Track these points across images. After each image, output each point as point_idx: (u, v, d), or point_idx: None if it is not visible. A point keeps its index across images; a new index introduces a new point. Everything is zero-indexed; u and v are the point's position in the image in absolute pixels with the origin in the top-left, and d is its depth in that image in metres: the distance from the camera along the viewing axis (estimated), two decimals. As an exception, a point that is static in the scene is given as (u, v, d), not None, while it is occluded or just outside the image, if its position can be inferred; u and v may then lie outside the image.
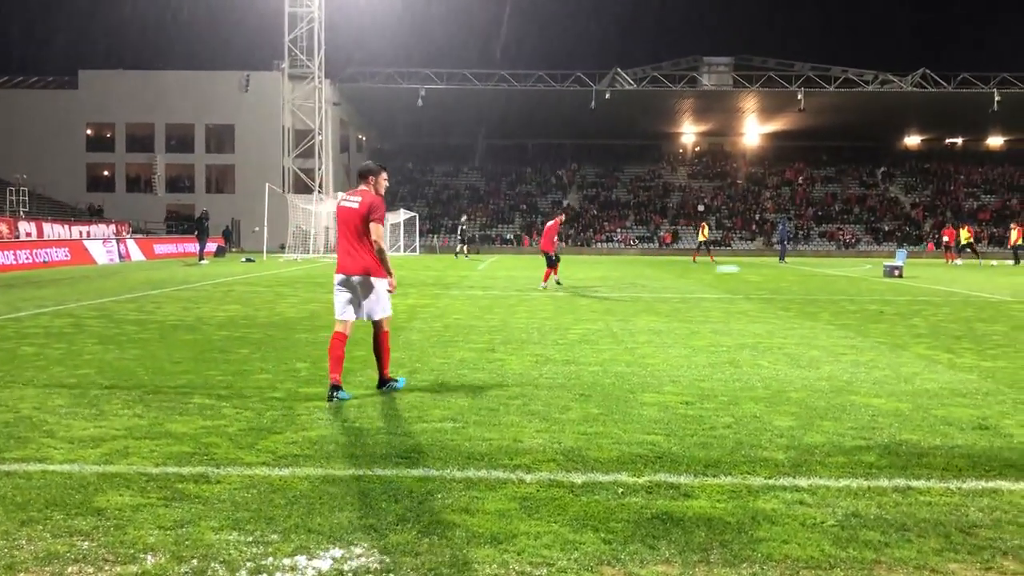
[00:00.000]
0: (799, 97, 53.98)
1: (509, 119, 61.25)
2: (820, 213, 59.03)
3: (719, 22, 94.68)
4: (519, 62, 67.41)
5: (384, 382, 6.75)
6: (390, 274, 6.50)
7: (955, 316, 13.10)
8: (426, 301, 14.56)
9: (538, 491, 4.28)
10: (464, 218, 46.16)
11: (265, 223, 38.10)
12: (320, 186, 45.67)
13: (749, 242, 55.88)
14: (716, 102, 59.38)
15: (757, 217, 58.58)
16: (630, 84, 55.27)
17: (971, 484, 4.43)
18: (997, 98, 52.12)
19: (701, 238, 38.77)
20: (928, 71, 53.25)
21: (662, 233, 56.65)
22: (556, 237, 18.56)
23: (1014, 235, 37.60)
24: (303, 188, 47.33)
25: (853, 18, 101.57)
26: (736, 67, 58.48)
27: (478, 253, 44.55)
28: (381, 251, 6.37)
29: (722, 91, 57.89)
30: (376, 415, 5.94)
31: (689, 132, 69.06)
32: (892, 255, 31.80)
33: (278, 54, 50.23)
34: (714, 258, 36.24)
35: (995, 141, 68.17)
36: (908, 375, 7.65)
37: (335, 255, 6.84)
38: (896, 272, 23.99)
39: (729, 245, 54.42)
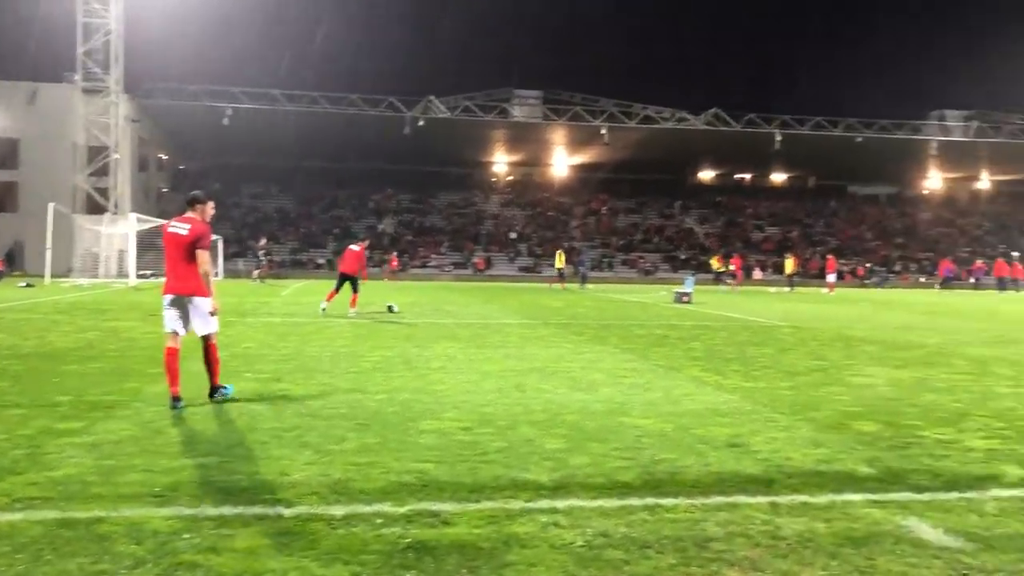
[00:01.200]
0: (603, 132, 56.52)
1: (323, 142, 60.23)
2: (623, 242, 61.81)
3: (530, 57, 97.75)
4: (335, 85, 66.71)
5: (215, 390, 7.42)
6: (212, 296, 7.29)
7: (731, 340, 14.03)
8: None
9: (295, 526, 4.16)
10: (264, 241, 44.73)
11: (48, 245, 35.32)
12: (115, 206, 42.93)
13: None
14: (527, 133, 61.08)
15: (566, 245, 60.60)
16: (444, 112, 55.90)
17: (714, 499, 4.71)
18: (778, 138, 56.75)
19: (559, 265, 40.24)
20: (719, 111, 57.25)
21: (475, 259, 57.41)
22: (362, 262, 18.39)
23: (790, 264, 40.92)
24: (97, 208, 44.31)
25: (654, 60, 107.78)
26: (545, 100, 60.42)
27: (277, 278, 43.19)
28: (207, 274, 7.19)
29: (532, 123, 59.64)
30: (135, 451, 5.59)
31: (501, 161, 70.57)
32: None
33: (71, 66, 47.07)
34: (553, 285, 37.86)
35: (778, 177, 74.02)
36: (678, 396, 8.10)
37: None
38: (685, 298, 25.45)
39: (540, 272, 55.94)
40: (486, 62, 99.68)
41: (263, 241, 44.79)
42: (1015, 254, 48.25)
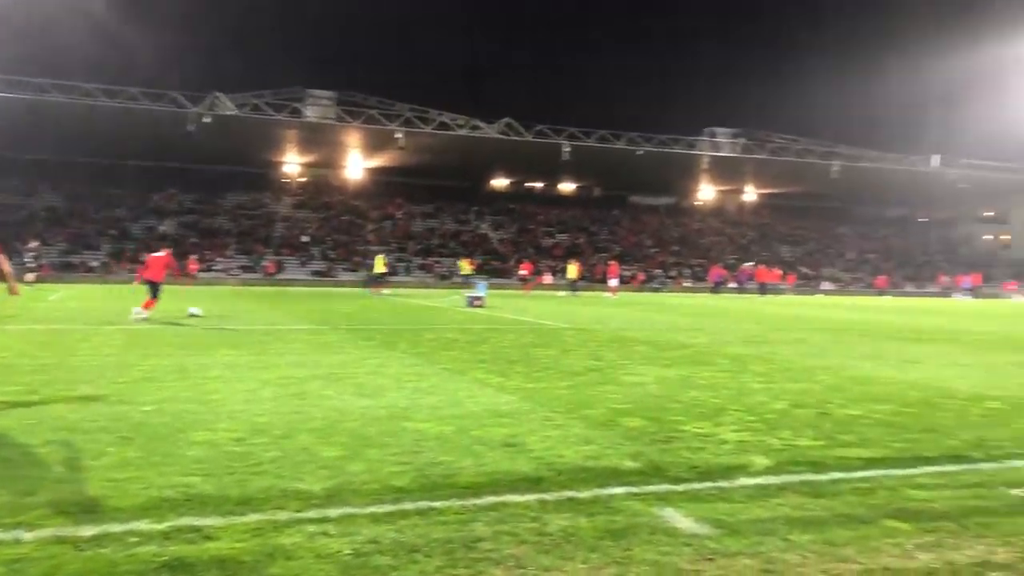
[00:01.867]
0: (398, 136, 56.36)
1: (98, 136, 55.99)
2: (420, 247, 61.99)
3: (322, 57, 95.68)
4: (115, 77, 62.14)
5: None
6: None
7: (517, 342, 14.40)
8: (-33, 337, 12.67)
9: (35, 551, 3.83)
10: (34, 243, 41.08)
11: None
12: None
13: (353, 273, 56.89)
14: (320, 134, 59.78)
15: (361, 249, 59.90)
16: (231, 109, 53.64)
17: (485, 500, 4.80)
18: (567, 149, 58.98)
19: (380, 269, 39.17)
20: (512, 121, 58.68)
21: (265, 263, 55.50)
22: (171, 267, 18.91)
23: (572, 270, 42.60)
24: None
25: (448, 66, 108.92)
26: (340, 102, 59.40)
27: (43, 282, 39.77)
28: None
29: (325, 124, 58.42)
30: None
31: (294, 162, 68.66)
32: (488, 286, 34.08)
33: None
34: (376, 291, 37.06)
35: (567, 187, 76.93)
36: (461, 399, 8.20)
37: None
38: (477, 302, 25.89)
39: (334, 276, 54.92)
40: (277, 60, 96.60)
41: (33, 244, 41.09)
42: (750, 263, 52.81)
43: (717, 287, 47.87)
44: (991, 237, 79.44)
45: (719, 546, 4.12)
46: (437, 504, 4.68)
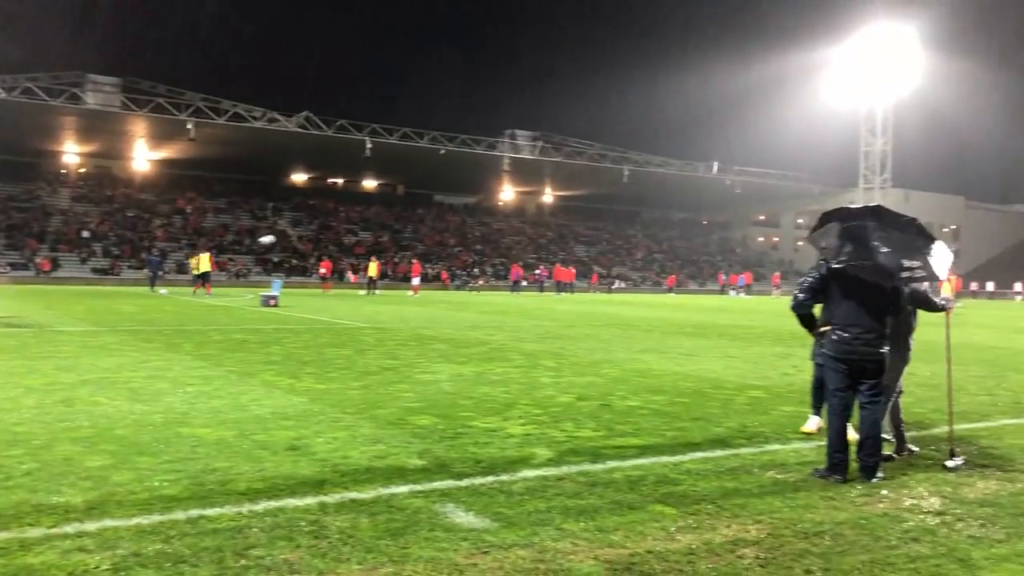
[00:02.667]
0: (189, 126, 53.55)
1: None
2: (212, 244, 59.23)
3: (104, 40, 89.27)
4: None
5: None
6: None
7: (311, 343, 14.08)
8: None
9: None
10: None
11: None
12: None
13: (139, 271, 53.51)
14: (102, 123, 55.72)
15: (147, 245, 56.45)
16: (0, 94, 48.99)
17: (262, 505, 4.64)
18: (369, 145, 58.35)
19: (204, 268, 34.80)
20: (311, 114, 57.31)
21: (39, 260, 51.08)
22: None
23: (372, 268, 42.18)
24: None
25: (245, 56, 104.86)
26: (125, 89, 55.60)
27: None
28: None
29: (108, 112, 54.53)
30: None
31: (72, 152, 63.65)
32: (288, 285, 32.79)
33: None
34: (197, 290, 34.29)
35: (370, 183, 76.16)
36: (245, 402, 7.90)
37: None
38: (271, 301, 25.07)
39: (118, 274, 51.40)
40: (58, 43, 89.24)
41: None
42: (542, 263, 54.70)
43: (516, 285, 49.02)
44: (763, 239, 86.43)
45: (495, 539, 4.20)
46: (209, 512, 4.48)
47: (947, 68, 62.44)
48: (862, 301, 5.64)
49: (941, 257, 5.60)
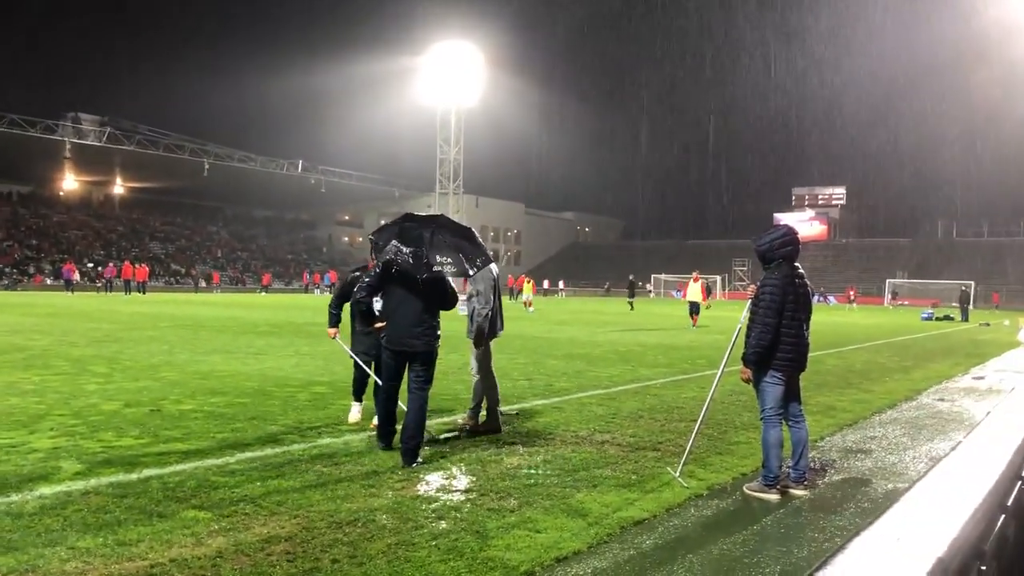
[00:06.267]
0: None
1: None
2: None
3: None
4: None
5: None
6: None
7: None
8: None
9: None
10: None
11: None
12: None
13: None
14: None
15: None
16: None
17: None
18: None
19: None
20: None
21: None
22: None
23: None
24: None
25: None
26: None
27: None
28: None
29: None
30: None
31: None
32: None
33: None
34: None
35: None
36: None
37: None
38: None
39: None
40: None
41: None
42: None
43: (70, 284, 44.33)
44: (347, 238, 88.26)
45: (-7, 565, 3.69)
46: None
47: (507, 85, 69.00)
48: (413, 297, 6.08)
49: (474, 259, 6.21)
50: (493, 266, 6.98)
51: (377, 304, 6.40)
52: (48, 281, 53.69)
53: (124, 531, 4.24)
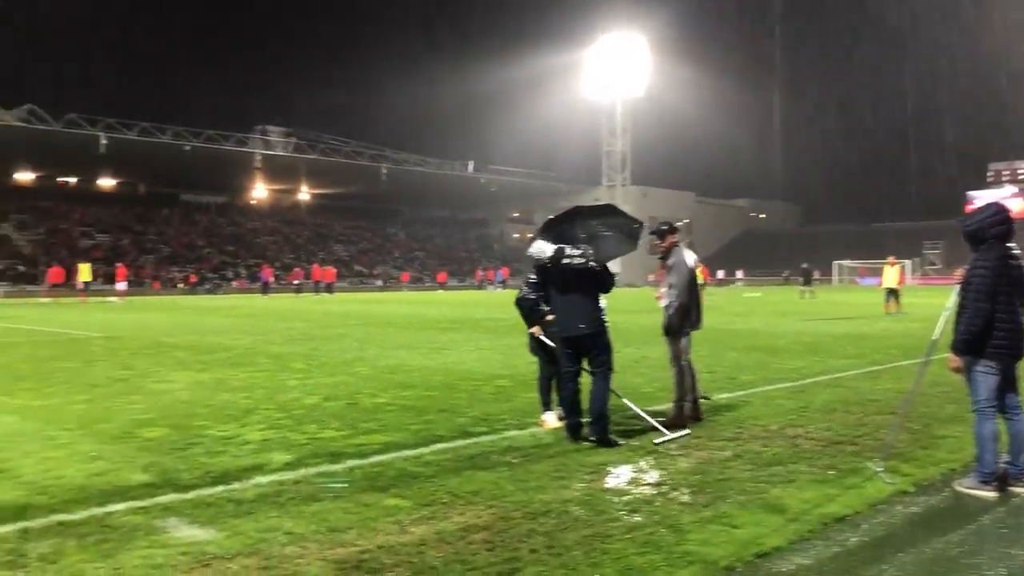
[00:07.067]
0: None
1: None
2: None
3: None
4: None
5: None
6: None
7: (32, 356, 12.83)
8: None
9: None
10: None
11: None
12: None
13: None
14: None
15: None
16: None
17: (-52, 539, 4.13)
18: (104, 141, 54.02)
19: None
20: (35, 107, 52.11)
21: None
22: None
23: (85, 272, 38.59)
24: None
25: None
26: None
27: None
28: None
29: None
30: None
31: None
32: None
33: None
34: None
35: (107, 182, 70.55)
36: (-60, 426, 7.03)
37: None
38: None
39: None
40: None
41: None
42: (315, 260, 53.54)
43: (267, 287, 47.33)
44: (519, 235, 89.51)
45: (218, 549, 4.00)
46: None
47: (674, 74, 67.89)
48: (574, 286, 6.45)
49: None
50: (690, 258, 7.00)
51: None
52: (247, 284, 57.74)
53: (334, 518, 4.48)
